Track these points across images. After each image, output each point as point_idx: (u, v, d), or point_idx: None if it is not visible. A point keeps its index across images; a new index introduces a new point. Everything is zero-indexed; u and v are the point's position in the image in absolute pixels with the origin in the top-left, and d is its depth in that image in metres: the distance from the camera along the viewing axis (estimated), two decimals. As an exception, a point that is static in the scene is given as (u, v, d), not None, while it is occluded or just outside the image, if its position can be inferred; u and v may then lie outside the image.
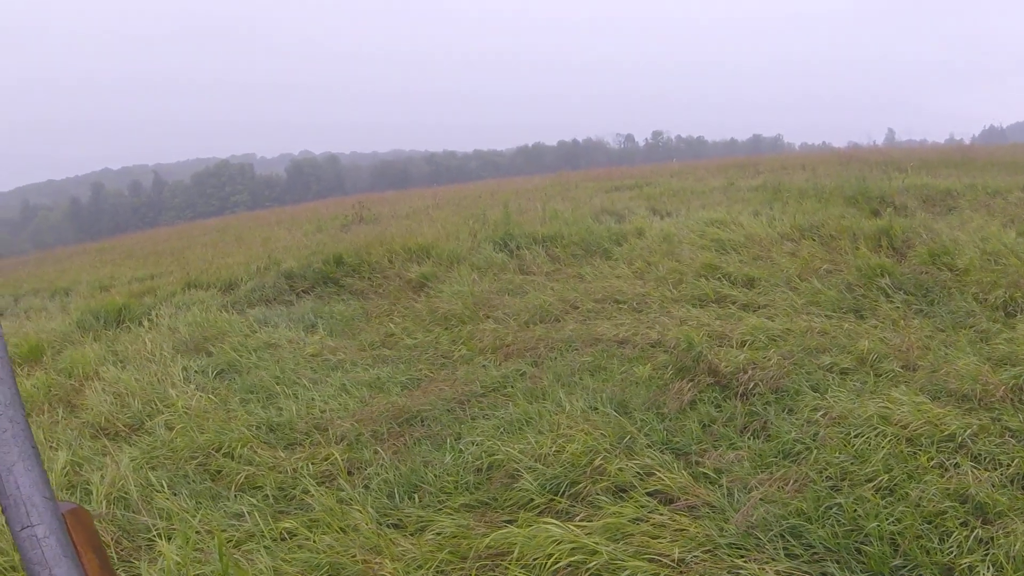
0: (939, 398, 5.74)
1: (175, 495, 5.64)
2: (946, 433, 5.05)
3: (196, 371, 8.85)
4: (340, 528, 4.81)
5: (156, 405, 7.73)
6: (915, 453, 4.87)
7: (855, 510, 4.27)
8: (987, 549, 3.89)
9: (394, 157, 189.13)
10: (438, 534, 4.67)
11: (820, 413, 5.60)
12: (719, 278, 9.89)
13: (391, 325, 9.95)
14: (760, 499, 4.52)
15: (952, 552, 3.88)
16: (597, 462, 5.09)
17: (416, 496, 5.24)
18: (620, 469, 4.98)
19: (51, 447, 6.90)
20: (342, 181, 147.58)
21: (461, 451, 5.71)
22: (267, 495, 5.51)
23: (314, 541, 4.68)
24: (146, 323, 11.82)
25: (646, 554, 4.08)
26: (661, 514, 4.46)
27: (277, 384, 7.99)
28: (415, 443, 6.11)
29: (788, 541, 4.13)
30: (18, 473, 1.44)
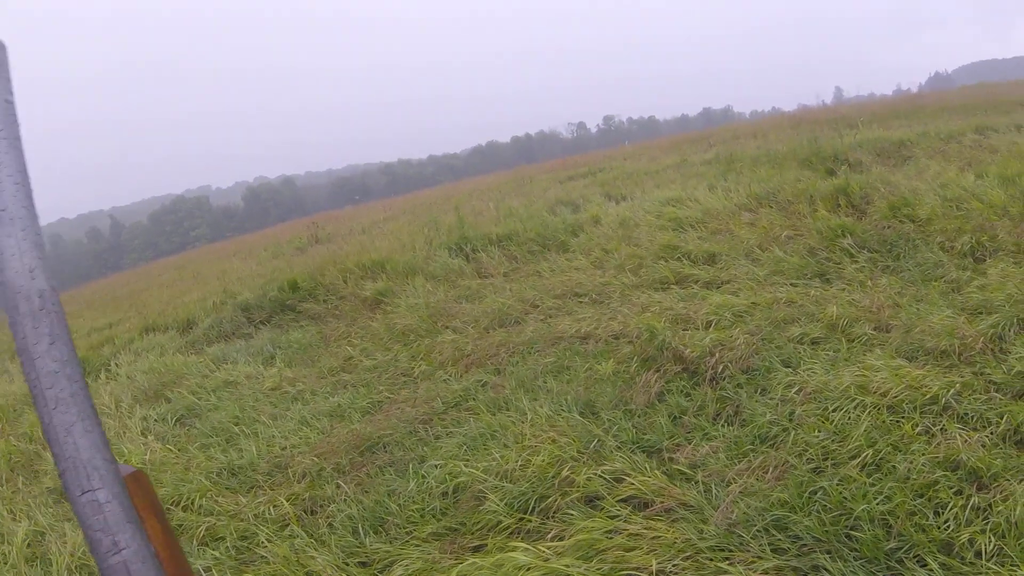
0: (916, 358, 5.51)
1: (135, 556, 5.32)
2: (928, 396, 4.79)
3: (155, 419, 8.58)
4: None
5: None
6: (898, 422, 4.60)
7: (841, 493, 3.99)
8: (986, 517, 3.65)
9: (350, 172, 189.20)
10: (406, 570, 4.36)
11: (794, 390, 5.33)
12: (679, 258, 9.64)
13: (349, 348, 9.63)
14: (739, 493, 4.23)
15: (949, 526, 3.62)
16: (565, 473, 4.78)
17: (383, 529, 4.94)
18: (589, 478, 4.67)
19: (13, 519, 6.61)
20: (301, 202, 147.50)
21: (424, 476, 5.39)
22: (228, 546, 5.19)
23: (278, 592, 4.40)
24: (104, 375, 11.52)
25: (622, 570, 3.78)
26: (635, 522, 4.16)
27: (236, 424, 7.70)
28: (378, 472, 5.79)
29: (773, 535, 3.84)
30: (77, 434, 1.34)
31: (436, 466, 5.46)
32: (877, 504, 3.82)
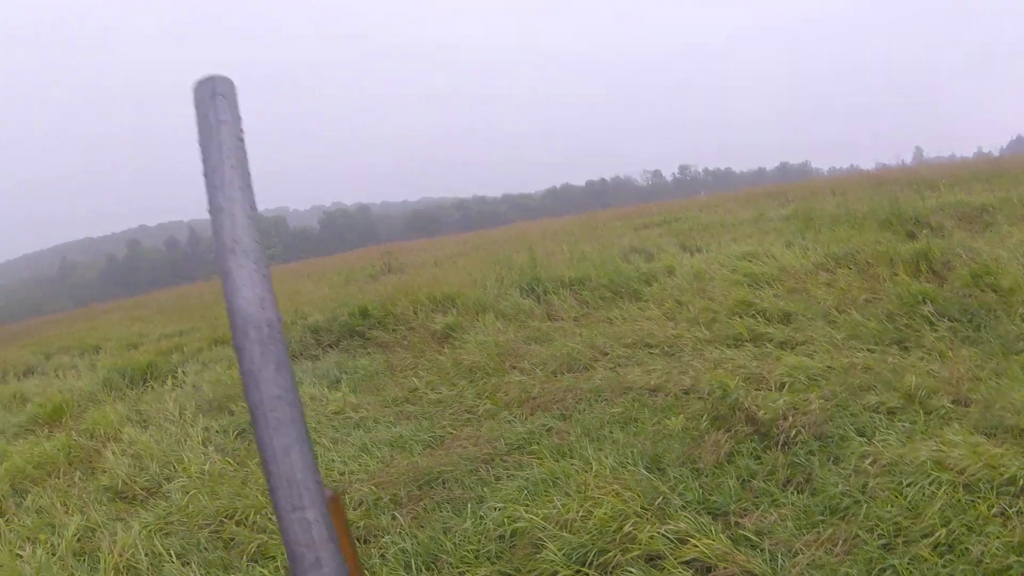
0: (995, 435, 5.26)
1: (185, 564, 5.40)
2: (1006, 476, 4.56)
3: (217, 431, 8.69)
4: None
5: (174, 468, 7.55)
6: (974, 501, 4.39)
7: (911, 572, 3.85)
8: (1059, 610, 3.48)
9: (424, 205, 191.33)
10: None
11: (868, 461, 5.13)
12: (753, 315, 9.44)
13: (415, 379, 9.61)
14: (806, 565, 4.10)
15: (1020, 617, 3.47)
16: (627, 528, 4.66)
17: (435, 567, 4.89)
18: (652, 536, 4.55)
19: (66, 512, 6.75)
20: (374, 230, 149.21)
21: (482, 517, 5.33)
22: (278, 566, 5.20)
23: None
24: (170, 381, 11.72)
25: (682, 635, 3.70)
26: (698, 587, 4.06)
27: (297, 445, 7.69)
28: (435, 507, 5.74)
29: (840, 613, 3.72)
30: (295, 456, 1.37)
31: (495, 508, 5.38)
32: (949, 588, 3.68)
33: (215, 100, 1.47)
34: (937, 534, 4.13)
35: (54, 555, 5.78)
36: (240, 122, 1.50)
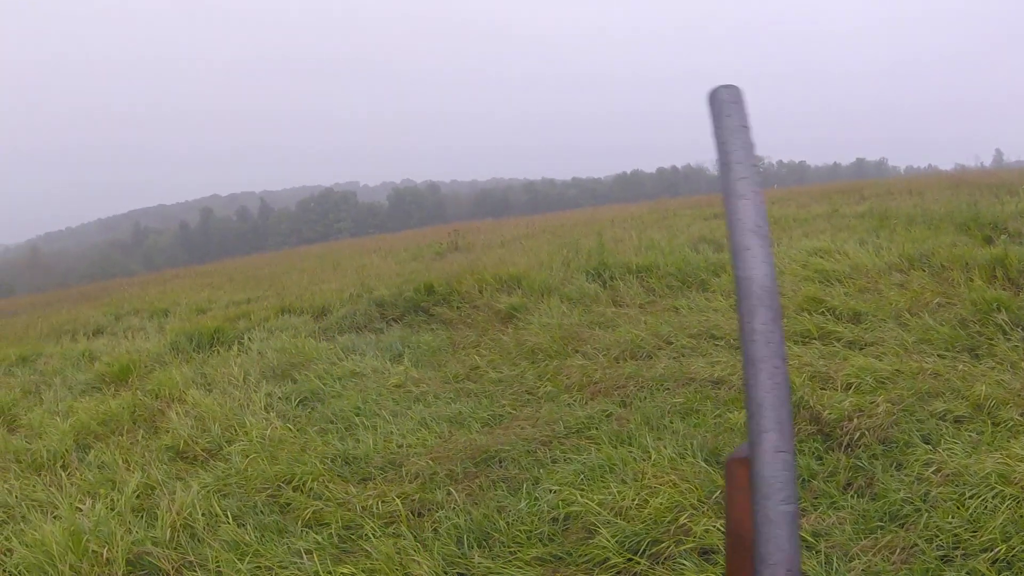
0: (1064, 453, 5.14)
1: (241, 526, 5.47)
2: (1073, 495, 4.46)
3: (279, 398, 8.79)
4: (402, 577, 4.52)
5: (235, 431, 7.67)
6: (1037, 519, 4.30)
7: (969, 586, 3.76)
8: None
9: (493, 185, 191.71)
10: (506, 590, 4.32)
11: (932, 469, 4.98)
12: (822, 312, 9.24)
13: (477, 357, 9.64)
14: (862, 570, 4.02)
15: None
16: (682, 520, 4.62)
17: (487, 544, 4.90)
18: (707, 530, 4.51)
19: (127, 469, 6.88)
20: (442, 209, 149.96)
21: (537, 498, 5.32)
22: (332, 533, 5.24)
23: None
24: (236, 347, 11.87)
25: (732, 631, 3.65)
26: (750, 584, 4.00)
27: (357, 415, 7.80)
28: (491, 486, 5.75)
29: (894, 622, 3.65)
30: (781, 406, 1.47)
31: (551, 490, 5.37)
32: (1005, 606, 3.59)
33: (735, 107, 1.62)
34: (997, 549, 4.01)
35: (113, 510, 5.88)
36: (751, 128, 1.63)
